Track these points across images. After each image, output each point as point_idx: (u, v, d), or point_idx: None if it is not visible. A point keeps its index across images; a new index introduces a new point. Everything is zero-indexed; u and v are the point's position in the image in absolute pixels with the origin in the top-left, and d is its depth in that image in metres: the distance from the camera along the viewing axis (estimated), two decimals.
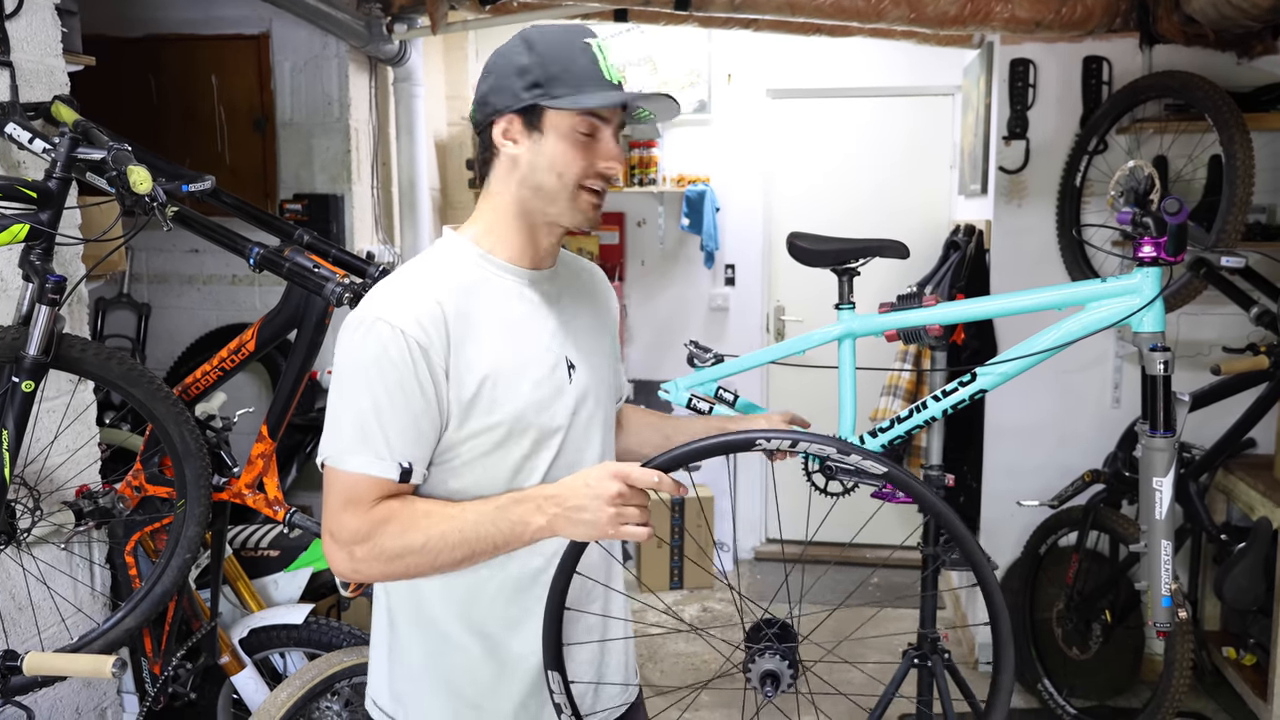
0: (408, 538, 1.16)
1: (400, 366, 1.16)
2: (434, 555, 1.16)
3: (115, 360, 1.87)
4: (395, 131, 3.82)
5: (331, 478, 1.20)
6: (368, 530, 1.17)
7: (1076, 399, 3.33)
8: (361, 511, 1.17)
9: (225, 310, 3.65)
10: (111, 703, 2.34)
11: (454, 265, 1.26)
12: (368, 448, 1.17)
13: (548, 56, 1.20)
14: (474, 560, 1.17)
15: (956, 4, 2.93)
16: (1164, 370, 1.66)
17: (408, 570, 1.18)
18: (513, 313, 1.26)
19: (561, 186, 1.23)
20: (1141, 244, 1.67)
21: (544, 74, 1.20)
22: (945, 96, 4.42)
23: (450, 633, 1.28)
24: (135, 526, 2.22)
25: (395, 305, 1.18)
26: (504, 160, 1.25)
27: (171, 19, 3.52)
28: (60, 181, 1.76)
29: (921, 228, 4.37)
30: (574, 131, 1.21)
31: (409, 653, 1.31)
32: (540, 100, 1.20)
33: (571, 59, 1.20)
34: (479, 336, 1.21)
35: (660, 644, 3.79)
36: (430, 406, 1.18)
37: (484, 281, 1.26)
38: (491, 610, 1.27)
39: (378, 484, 1.18)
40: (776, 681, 1.18)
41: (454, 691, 1.29)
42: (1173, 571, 1.76)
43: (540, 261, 1.31)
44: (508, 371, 1.22)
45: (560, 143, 1.22)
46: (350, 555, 1.17)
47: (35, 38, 2.03)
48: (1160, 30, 2.98)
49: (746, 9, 3.01)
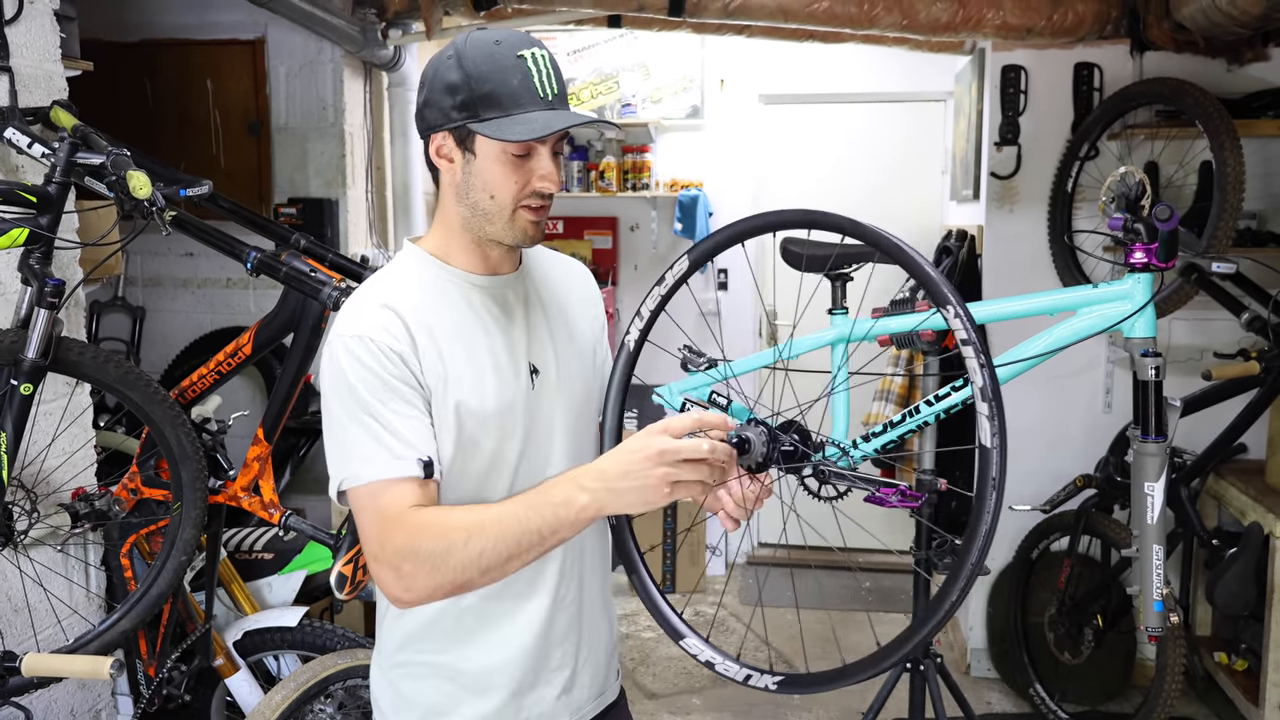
0: (450, 537, 1.10)
1: (380, 372, 1.15)
2: (478, 554, 1.09)
3: (113, 364, 1.87)
4: (390, 136, 3.83)
5: (357, 501, 1.16)
6: (406, 541, 1.11)
7: (1068, 404, 3.35)
8: (395, 523, 1.12)
9: (220, 314, 3.65)
10: (106, 705, 2.34)
11: (411, 276, 1.25)
12: (382, 453, 1.14)
13: (476, 75, 1.15)
14: (521, 558, 1.11)
15: (948, 11, 2.95)
16: (1155, 375, 1.67)
17: (456, 578, 1.10)
18: (470, 320, 1.24)
19: (497, 207, 1.20)
20: (1133, 250, 1.68)
21: (471, 95, 1.15)
22: (937, 102, 4.46)
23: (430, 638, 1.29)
24: (131, 529, 2.22)
25: (359, 320, 1.18)
26: (444, 176, 1.23)
27: (167, 24, 3.52)
28: (60, 186, 1.76)
29: (913, 233, 4.39)
30: (506, 153, 1.17)
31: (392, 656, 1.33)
32: (469, 123, 1.16)
33: (502, 78, 1.15)
34: (438, 344, 1.20)
35: (653, 648, 3.80)
36: (424, 404, 1.18)
37: (439, 290, 1.24)
38: (467, 617, 1.28)
39: (404, 486, 1.14)
40: (744, 449, 1.12)
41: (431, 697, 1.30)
42: (1164, 576, 1.78)
43: (496, 267, 1.28)
44: (467, 378, 1.21)
45: (493, 164, 1.18)
46: (398, 573, 1.12)
47: (34, 43, 2.03)
48: (1151, 37, 3.00)
49: (739, 15, 3.02)
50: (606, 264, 4.59)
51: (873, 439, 1.89)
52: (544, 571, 1.29)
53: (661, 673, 3.61)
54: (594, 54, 4.45)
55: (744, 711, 3.34)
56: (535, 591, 1.29)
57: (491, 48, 1.16)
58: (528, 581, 1.28)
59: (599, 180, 4.41)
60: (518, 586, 1.27)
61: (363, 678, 2.18)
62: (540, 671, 1.30)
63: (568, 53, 4.43)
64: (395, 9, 3.44)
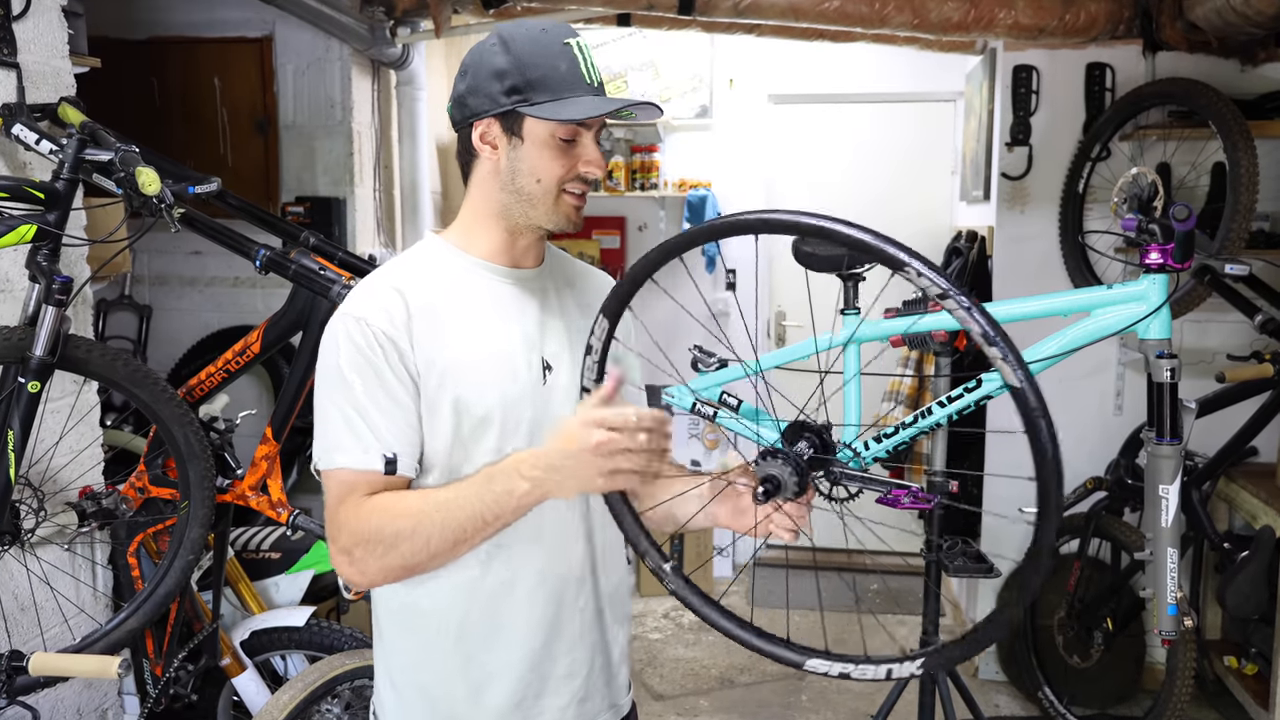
0: (397, 524, 1.12)
1: (371, 357, 1.15)
2: (425, 540, 1.11)
3: (121, 361, 1.87)
4: (398, 134, 3.82)
5: (325, 482, 1.18)
6: (359, 526, 1.13)
7: (1079, 406, 3.33)
8: (349, 509, 1.14)
9: (227, 313, 3.65)
10: (113, 704, 2.34)
11: (425, 262, 1.26)
12: (352, 441, 1.15)
13: (526, 60, 1.16)
14: (468, 542, 1.12)
15: (960, 10, 2.93)
16: (1171, 377, 1.66)
17: (405, 562, 1.13)
18: (483, 307, 1.23)
19: (542, 191, 1.21)
20: (1148, 250, 1.67)
21: (522, 79, 1.16)
22: (948, 102, 4.43)
23: (430, 641, 1.26)
24: (138, 528, 2.21)
25: (360, 301, 1.19)
26: (483, 163, 1.23)
27: (175, 21, 3.52)
28: (68, 183, 1.76)
29: (923, 234, 4.37)
30: (554, 138, 1.18)
31: (392, 660, 1.30)
32: (519, 107, 1.16)
33: (551, 63, 1.16)
34: (443, 329, 1.19)
35: (660, 649, 3.79)
36: (410, 395, 1.17)
37: (455, 277, 1.24)
38: (467, 620, 1.24)
39: (365, 478, 1.15)
40: (777, 487, 1.08)
41: (431, 702, 1.27)
42: (1178, 579, 1.76)
43: (519, 259, 1.28)
44: (470, 365, 1.20)
45: (540, 148, 1.19)
46: (350, 557, 1.14)
47: (42, 39, 2.03)
48: (1163, 37, 2.98)
49: (750, 14, 3.01)
50: (614, 264, 4.58)
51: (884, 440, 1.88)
52: (551, 574, 1.26)
53: (669, 674, 3.60)
54: (603, 53, 4.44)
55: (752, 712, 3.33)
56: (541, 594, 1.26)
57: (539, 34, 1.17)
58: (534, 584, 1.25)
59: (607, 179, 4.40)
60: (523, 588, 1.24)
61: (370, 678, 2.17)
62: (547, 679, 1.27)
63: None
64: (404, 7, 3.43)
